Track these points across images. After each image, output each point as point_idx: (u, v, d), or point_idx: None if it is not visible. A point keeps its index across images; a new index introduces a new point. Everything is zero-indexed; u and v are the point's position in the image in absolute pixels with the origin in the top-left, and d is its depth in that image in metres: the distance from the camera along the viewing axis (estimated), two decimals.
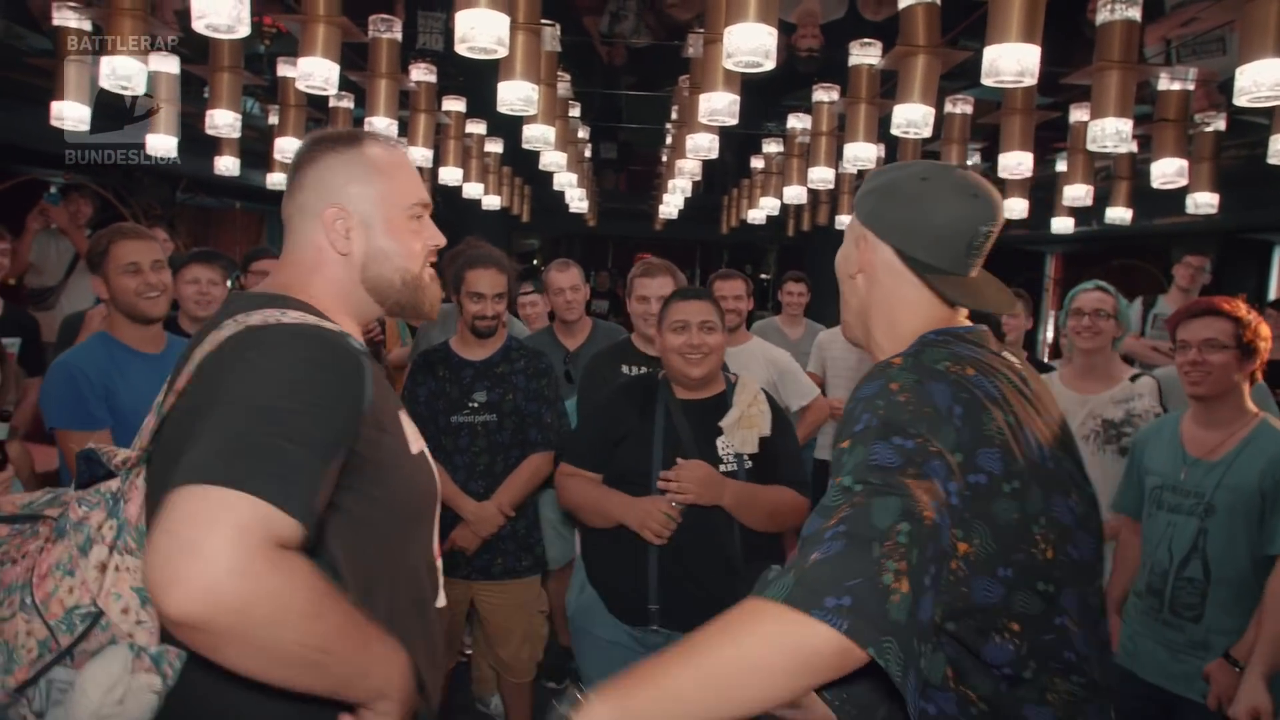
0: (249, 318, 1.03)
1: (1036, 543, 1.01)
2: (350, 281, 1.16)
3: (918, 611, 0.85)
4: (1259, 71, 2.17)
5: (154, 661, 0.98)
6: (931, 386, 1.01)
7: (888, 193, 1.17)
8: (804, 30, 5.54)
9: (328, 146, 1.16)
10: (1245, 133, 4.72)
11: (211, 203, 8.03)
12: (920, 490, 0.91)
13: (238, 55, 3.38)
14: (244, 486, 0.84)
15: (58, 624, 0.99)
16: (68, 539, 1.03)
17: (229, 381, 0.96)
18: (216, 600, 0.80)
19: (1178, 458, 2.13)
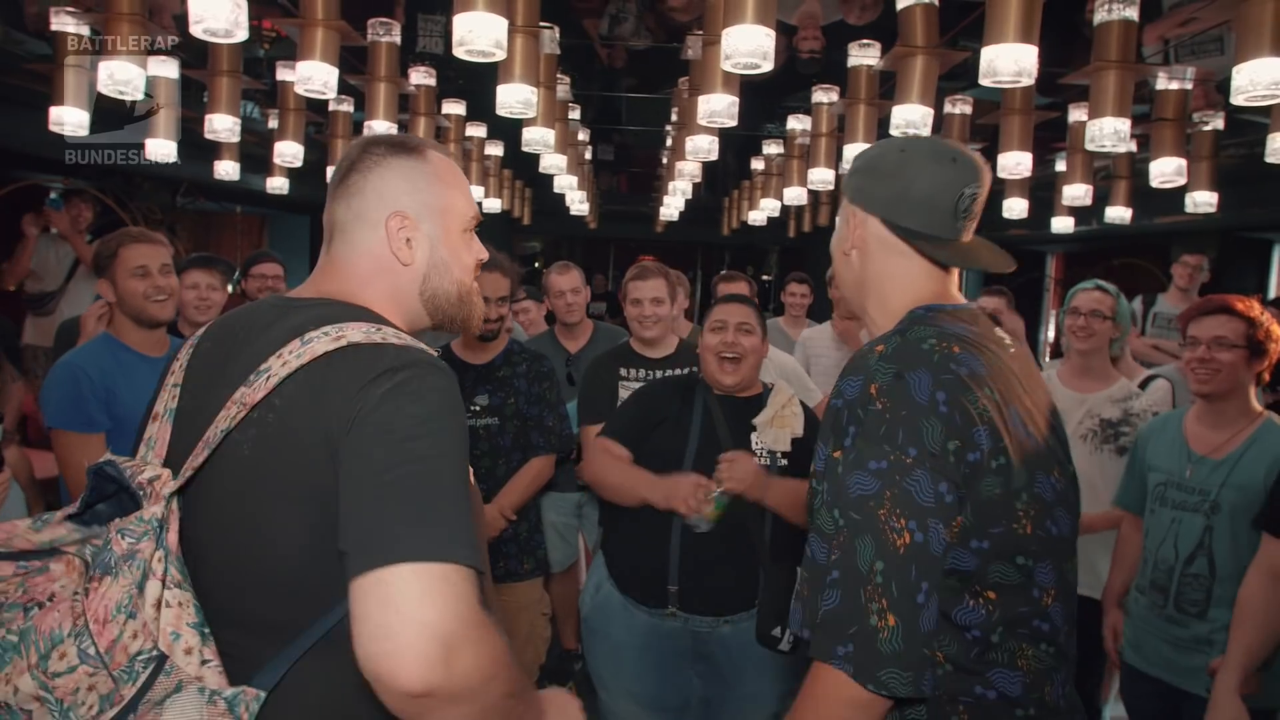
0: (344, 330, 0.97)
1: (1018, 518, 1.05)
2: (409, 293, 1.11)
3: (918, 627, 0.98)
4: (1256, 70, 2.17)
5: (229, 706, 0.89)
6: (910, 378, 1.04)
7: (871, 169, 1.22)
8: (805, 32, 5.55)
9: (390, 152, 1.11)
10: (1244, 131, 4.72)
11: (212, 207, 8.04)
12: (896, 515, 0.99)
13: (237, 60, 3.39)
14: (451, 557, 0.85)
15: (120, 674, 0.89)
16: (123, 576, 0.90)
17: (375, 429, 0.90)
18: (452, 668, 0.82)
19: (1182, 455, 2.13)
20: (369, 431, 0.90)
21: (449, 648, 0.82)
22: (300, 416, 0.93)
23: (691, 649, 2.10)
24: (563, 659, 3.51)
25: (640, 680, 2.12)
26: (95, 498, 1.01)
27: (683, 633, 2.08)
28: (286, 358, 0.95)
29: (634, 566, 2.13)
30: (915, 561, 0.98)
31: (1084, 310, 2.60)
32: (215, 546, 0.97)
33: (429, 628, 0.81)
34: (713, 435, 2.11)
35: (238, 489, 0.96)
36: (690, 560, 2.04)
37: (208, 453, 0.95)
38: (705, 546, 2.04)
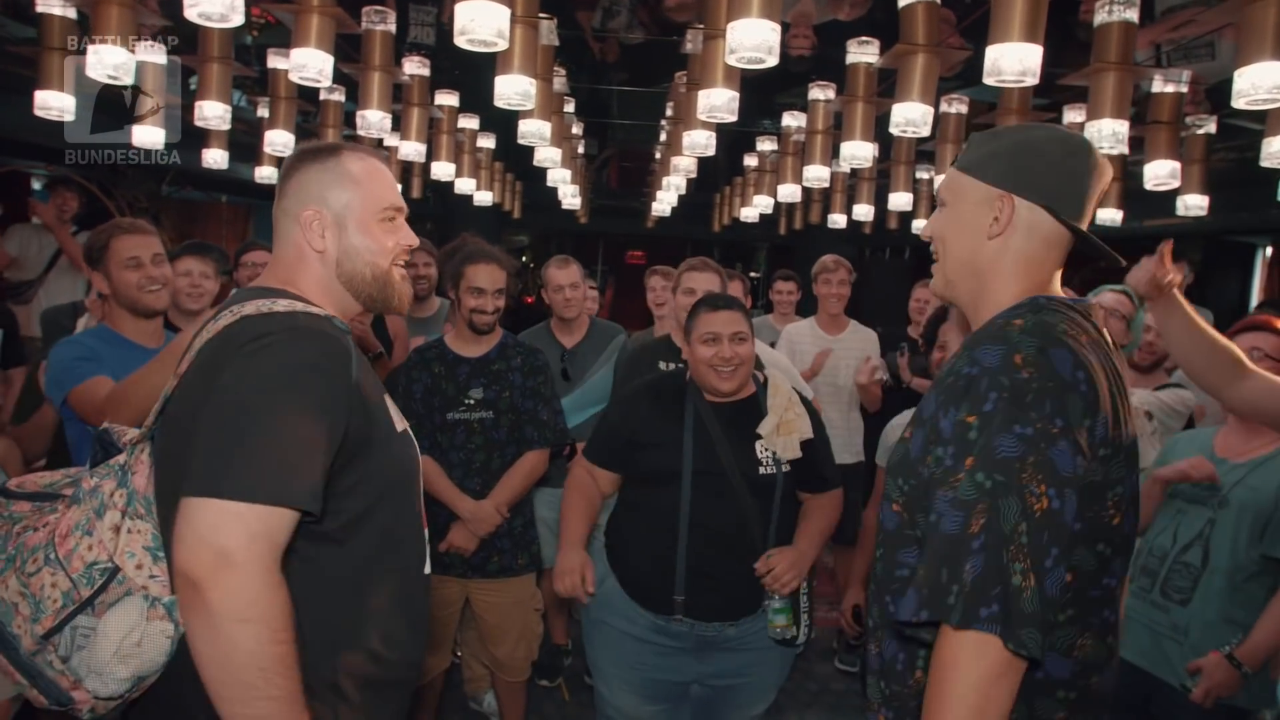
0: (243, 307, 1.19)
1: (1108, 507, 1.10)
2: (328, 277, 1.30)
3: (1046, 590, 1.01)
4: (1258, 74, 2.18)
5: (167, 610, 1.11)
6: (1054, 353, 1.08)
7: (1031, 154, 1.20)
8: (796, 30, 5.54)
9: (310, 157, 1.31)
10: (1233, 136, 4.76)
11: (198, 196, 7.94)
12: (1037, 480, 1.02)
13: (228, 46, 3.33)
14: (253, 497, 1.05)
15: (79, 577, 1.12)
16: (84, 504, 1.16)
17: (227, 377, 1.11)
18: (216, 575, 1.03)
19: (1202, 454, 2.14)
20: (224, 380, 1.11)
21: (221, 559, 1.04)
22: (198, 378, 1.16)
23: (695, 648, 2.09)
24: (553, 654, 3.49)
25: (640, 671, 2.11)
26: (102, 456, 1.26)
27: (688, 635, 2.07)
28: (204, 334, 1.20)
29: (640, 576, 2.09)
30: (1049, 527, 1.02)
31: (1105, 305, 2.63)
32: (162, 490, 1.18)
33: (207, 543, 1.04)
34: (708, 452, 2.05)
35: (168, 442, 1.18)
36: (697, 571, 2.02)
37: (154, 416, 1.21)
38: (712, 557, 2.02)
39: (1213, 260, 7.91)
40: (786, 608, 2.01)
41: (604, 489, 2.21)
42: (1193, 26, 3.69)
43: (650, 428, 2.11)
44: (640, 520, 2.12)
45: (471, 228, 4.99)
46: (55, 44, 3.02)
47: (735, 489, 2.03)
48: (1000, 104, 3.51)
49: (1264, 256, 7.76)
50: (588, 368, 3.40)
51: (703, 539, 2.02)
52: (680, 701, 2.16)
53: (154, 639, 1.10)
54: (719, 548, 2.02)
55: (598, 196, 9.84)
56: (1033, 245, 1.22)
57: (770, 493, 2.07)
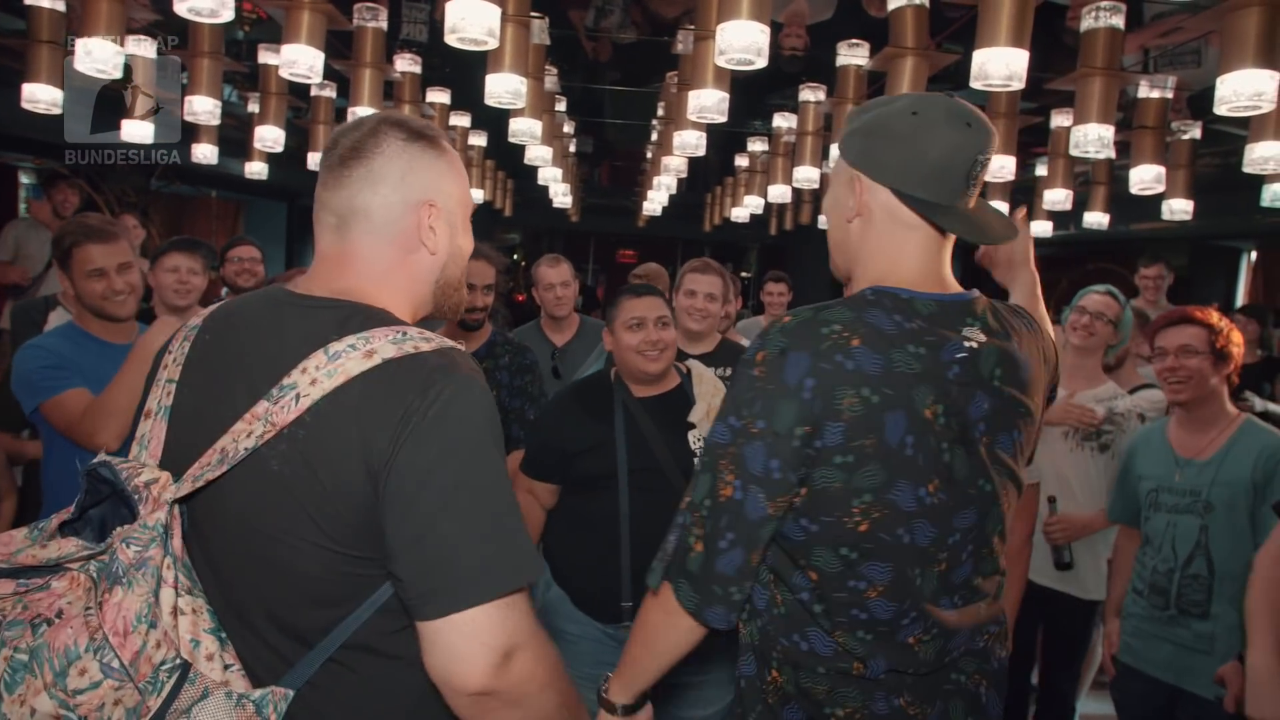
0: (371, 344, 0.94)
1: (852, 514, 1.10)
2: (426, 282, 1.10)
3: (713, 565, 1.11)
4: (1239, 81, 2.21)
5: (257, 707, 0.91)
6: (790, 357, 1.09)
7: (878, 131, 1.14)
8: (789, 30, 5.55)
9: (411, 138, 1.06)
10: (1218, 141, 4.81)
11: (187, 191, 7.90)
12: (729, 470, 1.10)
13: (218, 40, 3.32)
14: (514, 586, 0.94)
15: (145, 685, 0.88)
16: (136, 585, 0.89)
17: (423, 455, 0.91)
18: (510, 674, 0.93)
19: (1169, 460, 2.18)
20: (424, 461, 0.91)
21: (508, 657, 0.93)
22: (337, 436, 0.92)
23: None
24: None
25: (599, 667, 2.10)
26: (90, 501, 0.98)
27: None
28: (316, 376, 0.93)
29: (585, 585, 2.07)
30: (728, 513, 1.10)
31: (1090, 310, 2.65)
32: (234, 558, 0.97)
33: (496, 650, 0.92)
34: (642, 448, 2.04)
35: (261, 503, 0.94)
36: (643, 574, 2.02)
37: (226, 467, 0.93)
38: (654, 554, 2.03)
39: (1199, 264, 7.98)
40: None
41: (545, 503, 2.17)
42: (1180, 33, 3.73)
43: (581, 433, 2.08)
44: (580, 529, 2.09)
45: None
46: (44, 36, 3.01)
47: (673, 483, 2.01)
48: (988, 107, 3.54)
49: (1249, 260, 7.83)
50: (578, 365, 3.41)
51: (645, 539, 1.98)
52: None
53: None
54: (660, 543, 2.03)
55: (589, 195, 9.85)
56: (891, 229, 1.16)
57: None
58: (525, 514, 2.11)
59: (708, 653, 2.07)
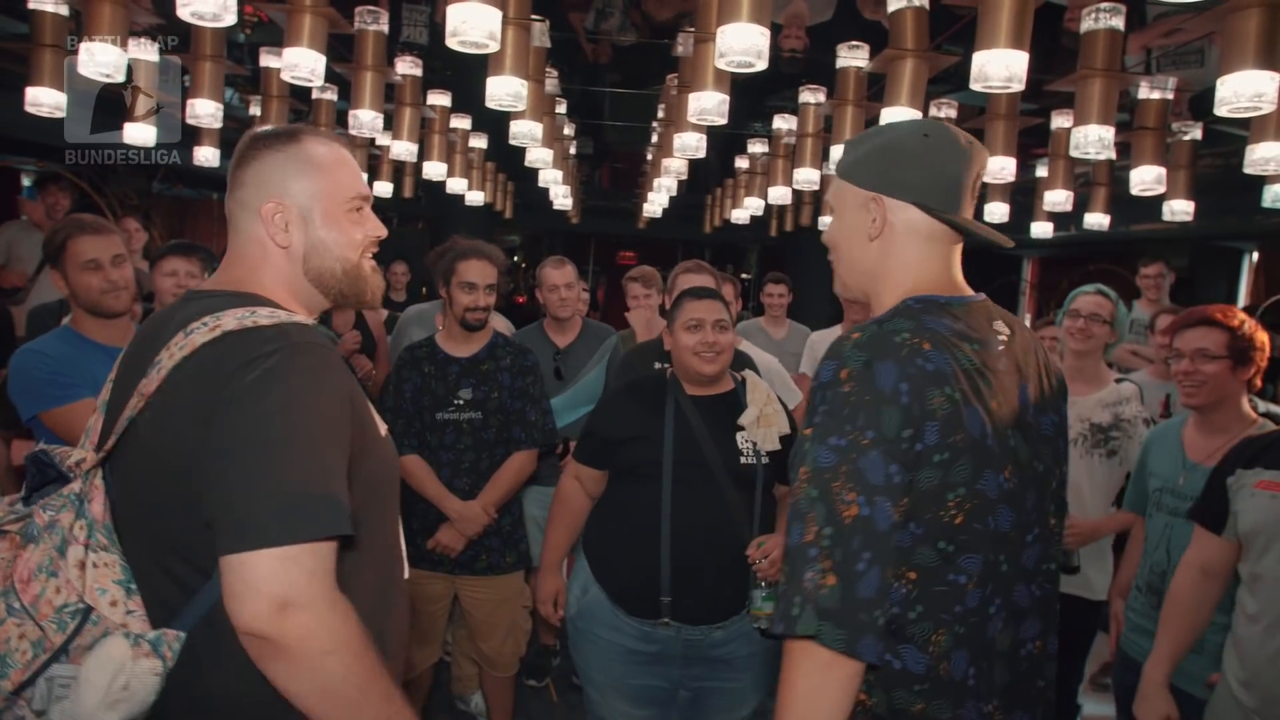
0: (220, 320, 1.08)
1: (948, 508, 1.13)
2: (294, 274, 1.21)
3: (854, 592, 1.06)
4: (1239, 83, 2.21)
5: (153, 646, 1.03)
6: (878, 367, 1.12)
7: (894, 154, 1.24)
8: (788, 31, 5.56)
9: (266, 144, 1.20)
10: (1219, 142, 4.81)
11: (189, 193, 7.91)
12: (848, 489, 1.08)
13: (220, 44, 3.33)
14: (301, 536, 0.99)
15: (49, 623, 1.03)
16: (43, 542, 1.06)
17: (235, 412, 1.02)
18: (285, 624, 0.98)
19: (1178, 461, 2.17)
20: (234, 415, 1.02)
21: (281, 608, 0.98)
22: (180, 399, 1.06)
23: (682, 655, 2.09)
24: (540, 655, 3.50)
25: (630, 678, 2.11)
26: (37, 482, 1.14)
27: (674, 640, 2.07)
28: (173, 350, 1.07)
29: (624, 579, 2.10)
30: (860, 533, 1.07)
31: (1084, 313, 2.65)
32: (131, 517, 1.11)
33: (265, 596, 0.98)
34: (690, 443, 2.08)
35: (138, 466, 1.09)
36: (682, 570, 2.02)
37: (115, 438, 1.10)
38: (696, 552, 2.03)
39: (1200, 265, 7.97)
40: (773, 596, 2.02)
41: (593, 492, 2.23)
42: (1182, 34, 3.73)
43: (631, 422, 2.14)
44: (622, 521, 2.12)
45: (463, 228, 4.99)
46: (47, 40, 3.02)
47: (718, 480, 2.05)
48: (988, 109, 3.54)
49: (1251, 261, 7.82)
50: (580, 367, 3.42)
51: (686, 534, 2.02)
52: (669, 705, 2.17)
53: (142, 678, 1.02)
54: (703, 543, 2.03)
55: (590, 197, 9.86)
56: (914, 242, 1.25)
57: (752, 483, 2.09)
58: (569, 502, 2.24)
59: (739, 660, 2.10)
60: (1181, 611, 1.89)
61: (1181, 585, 1.89)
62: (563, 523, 2.26)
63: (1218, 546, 1.83)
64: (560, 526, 2.26)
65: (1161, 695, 1.88)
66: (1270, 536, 1.71)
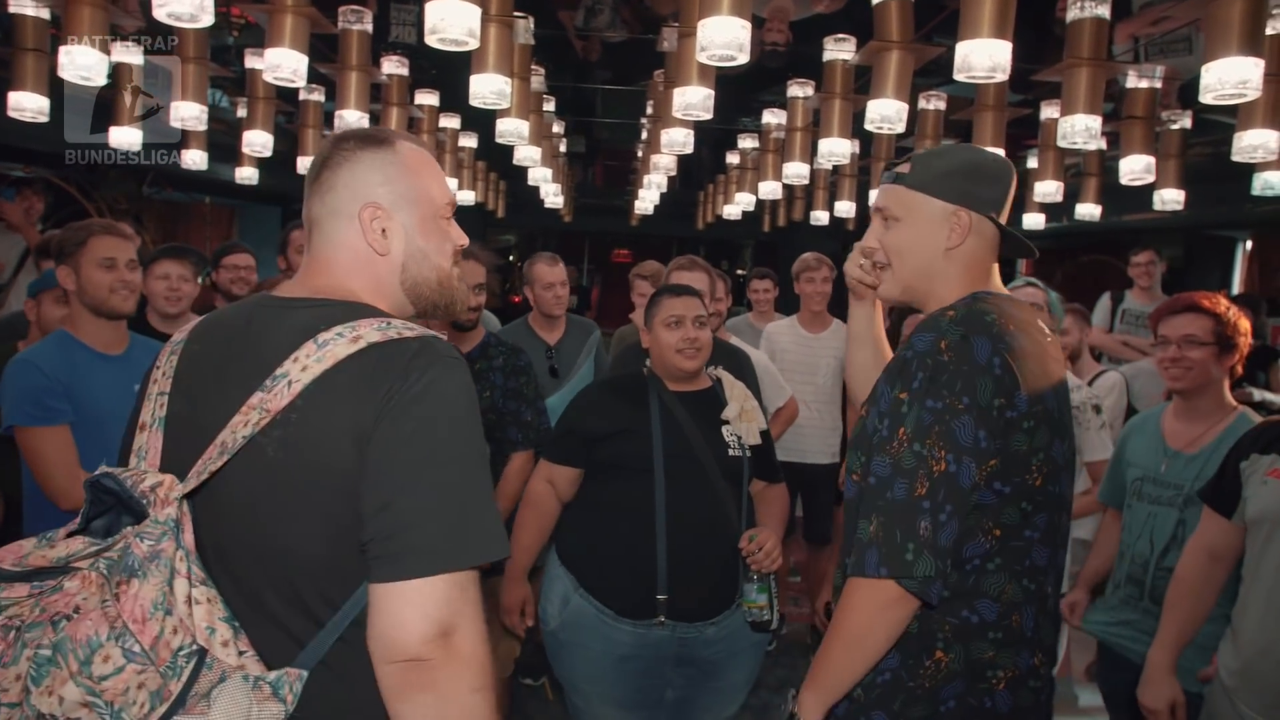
0: (357, 330, 1.01)
1: (1031, 471, 1.27)
2: (390, 283, 1.14)
3: (936, 540, 1.19)
4: (1223, 69, 2.20)
5: (273, 689, 0.96)
6: (974, 340, 1.25)
7: (975, 175, 1.39)
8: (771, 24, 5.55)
9: (358, 144, 1.12)
10: (1210, 131, 4.80)
11: (179, 197, 7.89)
12: (939, 446, 1.21)
13: (203, 46, 3.32)
14: (473, 560, 0.97)
15: (166, 669, 0.93)
16: (151, 576, 0.94)
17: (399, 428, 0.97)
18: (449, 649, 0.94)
19: (1158, 450, 2.16)
20: (400, 435, 0.96)
21: (446, 634, 0.94)
22: (326, 416, 0.98)
23: (675, 654, 2.07)
24: (537, 653, 3.49)
25: (619, 686, 2.08)
26: (95, 511, 1.03)
27: (669, 640, 2.04)
28: (305, 362, 0.99)
29: (618, 580, 2.06)
30: (945, 486, 1.20)
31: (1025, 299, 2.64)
32: (240, 544, 1.02)
33: (434, 621, 0.94)
34: (678, 436, 2.07)
35: (261, 489, 1.00)
36: (678, 567, 2.01)
37: (226, 457, 0.98)
38: (692, 547, 2.02)
39: (1194, 254, 7.98)
40: (766, 588, 2.03)
41: (564, 494, 2.18)
42: (1168, 21, 3.73)
43: (614, 417, 2.12)
44: (610, 519, 2.09)
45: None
46: (29, 45, 3.00)
47: (709, 473, 2.05)
48: (977, 100, 3.53)
49: (1244, 250, 7.82)
50: (573, 363, 3.41)
51: (682, 528, 2.01)
52: (656, 708, 2.16)
53: None
54: (698, 537, 2.02)
55: (582, 195, 9.84)
56: (979, 249, 1.40)
57: (739, 475, 2.10)
58: (540, 505, 2.18)
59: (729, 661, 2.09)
60: (1186, 594, 1.87)
61: (1188, 568, 1.88)
62: (535, 526, 2.19)
63: (1226, 530, 1.82)
64: (532, 530, 2.19)
65: (1167, 679, 1.86)
66: (1275, 525, 1.70)
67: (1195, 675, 1.92)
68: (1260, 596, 1.72)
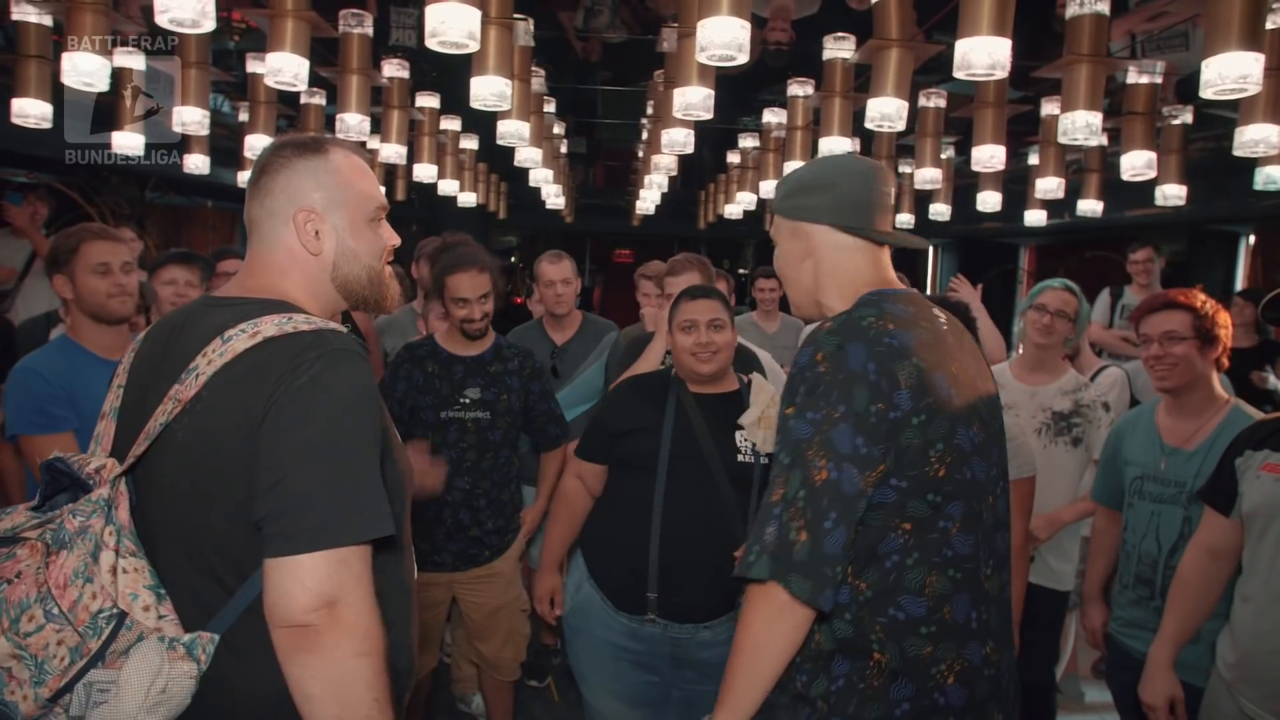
0: (259, 326, 1.11)
1: (930, 463, 1.27)
2: (322, 281, 1.24)
3: (821, 548, 1.19)
4: (1224, 64, 2.20)
5: (187, 649, 1.06)
6: (850, 348, 1.26)
7: (805, 188, 1.44)
8: (774, 24, 5.55)
9: (294, 152, 1.22)
10: (1211, 126, 4.80)
11: (182, 201, 7.91)
12: (819, 456, 1.22)
13: (205, 51, 3.33)
14: (352, 539, 1.05)
15: (85, 629, 1.05)
16: (77, 548, 1.07)
17: (284, 416, 1.06)
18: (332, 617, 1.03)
19: (1156, 448, 2.16)
20: (283, 421, 1.05)
21: (330, 605, 1.03)
22: (223, 405, 1.08)
23: (671, 654, 2.08)
24: (541, 655, 3.50)
25: (621, 678, 2.11)
26: (51, 491, 1.16)
27: (662, 639, 2.06)
28: (211, 356, 1.10)
29: (612, 572, 2.10)
30: (828, 494, 1.21)
31: (1051, 309, 2.64)
32: (162, 521, 1.13)
33: (316, 594, 1.03)
34: (688, 437, 2.08)
35: (175, 471, 1.11)
36: (669, 567, 2.02)
37: (148, 443, 1.11)
38: (685, 548, 2.02)
39: (1197, 249, 7.96)
40: None
41: (594, 489, 2.22)
42: (1166, 17, 3.72)
43: (633, 415, 2.15)
44: (615, 514, 2.13)
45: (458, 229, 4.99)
46: (31, 51, 3.01)
47: (713, 476, 2.04)
48: (977, 96, 3.53)
49: (1247, 244, 7.80)
50: (578, 364, 3.40)
51: (677, 529, 2.02)
52: (663, 706, 2.16)
53: (179, 681, 1.05)
54: (693, 538, 2.02)
55: (583, 196, 9.85)
56: (839, 256, 1.43)
57: (748, 482, 2.08)
58: (571, 500, 2.24)
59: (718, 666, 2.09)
60: (1188, 592, 1.88)
61: (1190, 566, 1.89)
62: (565, 520, 2.25)
63: (1226, 527, 1.83)
64: (562, 524, 2.26)
65: (1166, 675, 1.88)
66: (1269, 518, 1.71)
67: (1203, 670, 1.93)
68: (1256, 589, 1.73)
